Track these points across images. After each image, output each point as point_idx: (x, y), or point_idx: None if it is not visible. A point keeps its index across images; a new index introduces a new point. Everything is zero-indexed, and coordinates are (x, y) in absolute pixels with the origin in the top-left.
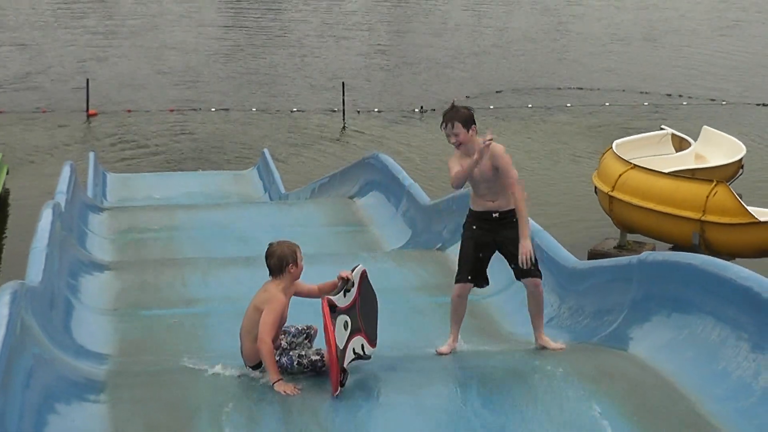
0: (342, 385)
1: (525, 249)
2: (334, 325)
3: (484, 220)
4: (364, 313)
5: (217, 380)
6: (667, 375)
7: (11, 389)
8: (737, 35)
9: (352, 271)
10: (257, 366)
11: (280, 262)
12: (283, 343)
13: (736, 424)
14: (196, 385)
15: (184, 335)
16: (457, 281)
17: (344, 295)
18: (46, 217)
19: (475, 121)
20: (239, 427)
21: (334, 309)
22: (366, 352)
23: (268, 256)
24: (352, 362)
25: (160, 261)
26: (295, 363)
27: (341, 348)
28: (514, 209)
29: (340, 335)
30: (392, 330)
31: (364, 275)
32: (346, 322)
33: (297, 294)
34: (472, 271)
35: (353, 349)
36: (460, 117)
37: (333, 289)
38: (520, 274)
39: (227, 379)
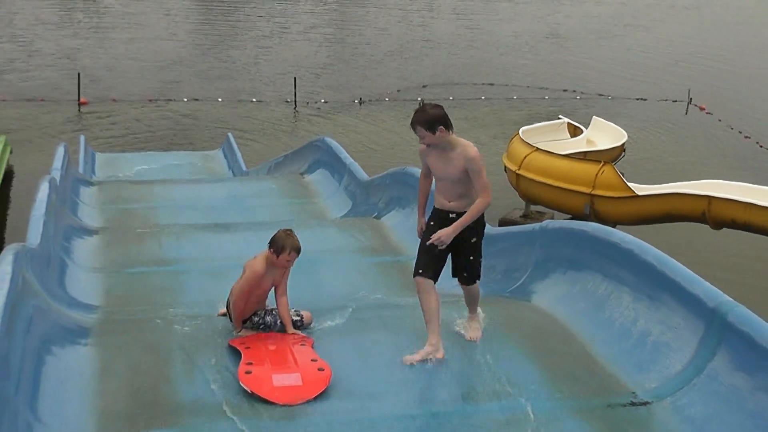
0: None
1: (440, 233)
2: None
3: (442, 219)
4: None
5: (188, 326)
6: (564, 322)
7: (14, 334)
8: (620, 41)
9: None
10: (242, 322)
11: (271, 241)
12: (267, 304)
13: (618, 362)
14: (171, 331)
15: (161, 289)
16: (414, 275)
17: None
18: (44, 190)
19: (447, 120)
20: (208, 365)
21: None
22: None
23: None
24: None
25: (141, 227)
26: (278, 321)
27: None
28: None
29: None
30: (336, 284)
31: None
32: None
33: (276, 287)
34: (427, 266)
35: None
36: (422, 121)
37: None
38: (460, 280)
39: (197, 326)
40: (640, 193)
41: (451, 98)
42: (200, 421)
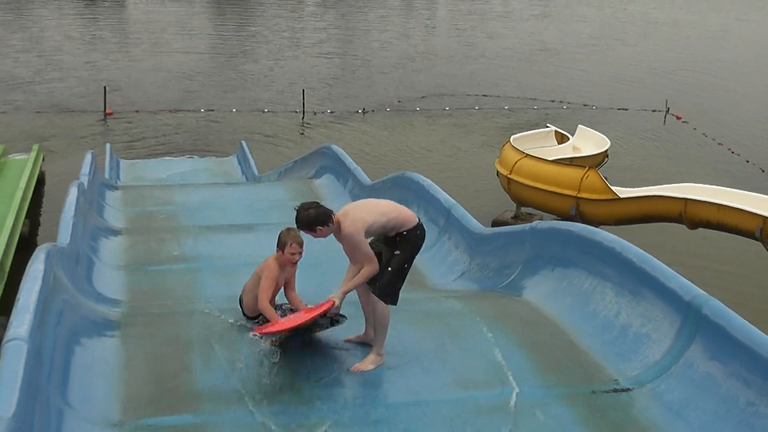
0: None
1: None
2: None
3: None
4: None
5: (206, 319)
6: (552, 316)
7: (46, 327)
8: (604, 56)
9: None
10: (254, 318)
11: (278, 240)
12: (276, 301)
13: (602, 353)
14: (190, 324)
15: (180, 285)
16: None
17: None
18: (73, 194)
19: (324, 219)
20: (225, 355)
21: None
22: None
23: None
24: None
25: (161, 228)
26: (289, 318)
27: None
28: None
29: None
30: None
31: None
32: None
33: (285, 284)
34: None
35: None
36: (304, 225)
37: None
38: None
39: (213, 319)
40: (622, 196)
41: (446, 108)
42: (218, 407)
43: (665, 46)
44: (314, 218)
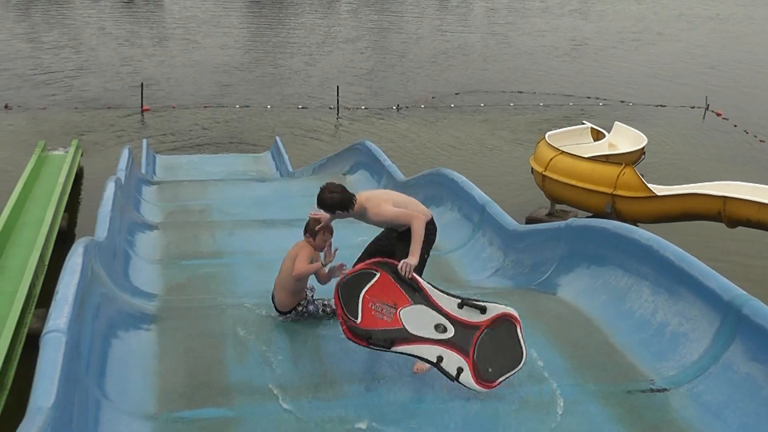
0: (363, 340)
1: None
2: (409, 303)
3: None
4: (484, 347)
5: (240, 313)
6: (587, 313)
7: (84, 319)
8: (640, 50)
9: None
10: (286, 312)
11: (306, 227)
12: (309, 295)
13: (637, 352)
14: (224, 318)
15: (214, 279)
16: None
17: (469, 311)
18: (110, 189)
19: (347, 203)
20: (258, 349)
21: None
22: (456, 374)
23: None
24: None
25: (196, 222)
26: (320, 310)
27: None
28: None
29: (419, 324)
30: None
31: (509, 318)
32: (443, 326)
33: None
34: None
35: (435, 357)
36: (327, 206)
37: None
38: None
39: (247, 313)
40: (659, 194)
41: (481, 105)
42: (250, 400)
43: (706, 41)
44: (338, 202)
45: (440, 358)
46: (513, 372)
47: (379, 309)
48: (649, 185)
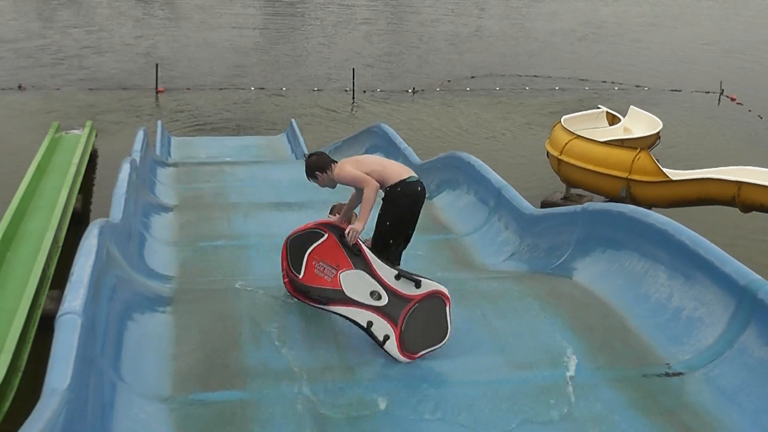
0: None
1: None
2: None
3: None
4: (413, 319)
5: (255, 296)
6: (603, 297)
7: (100, 301)
8: (655, 35)
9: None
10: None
11: (332, 210)
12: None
13: (653, 336)
14: (240, 300)
15: (230, 262)
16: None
17: (404, 283)
18: (125, 170)
19: (323, 164)
20: (273, 332)
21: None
22: (382, 341)
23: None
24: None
25: (211, 204)
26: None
27: (341, 291)
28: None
29: (355, 288)
30: None
31: (439, 294)
32: (377, 293)
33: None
34: None
35: (365, 321)
36: (306, 171)
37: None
38: None
39: (263, 296)
40: (673, 178)
41: (497, 88)
42: (266, 383)
43: (724, 25)
44: (313, 164)
45: (370, 324)
46: (436, 347)
47: (322, 268)
48: (664, 170)
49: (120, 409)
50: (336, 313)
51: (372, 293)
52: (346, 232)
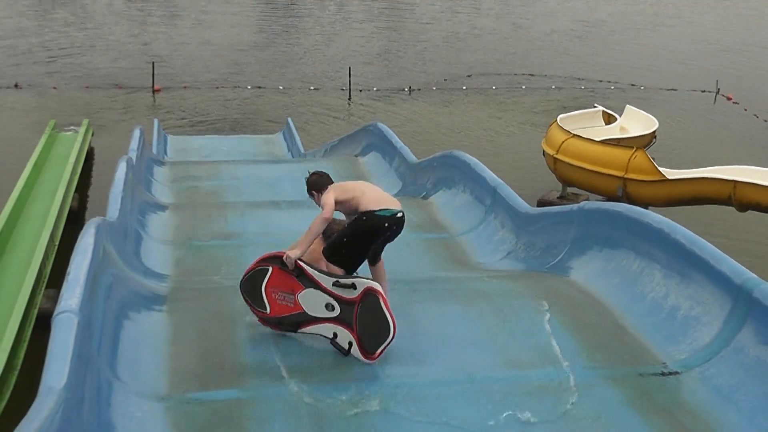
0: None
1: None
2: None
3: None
4: (362, 321)
5: None
6: (599, 296)
7: (96, 300)
8: (651, 35)
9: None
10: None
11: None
12: None
13: (649, 335)
14: (235, 299)
15: (226, 260)
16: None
17: (343, 288)
18: (121, 169)
19: (319, 185)
20: (269, 330)
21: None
22: (348, 348)
23: None
24: (328, 341)
25: (208, 203)
26: None
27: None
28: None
29: (313, 306)
30: (386, 258)
31: (371, 291)
32: (331, 305)
33: None
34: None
35: (331, 333)
36: (307, 188)
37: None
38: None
39: None
40: (670, 177)
41: (493, 87)
42: (262, 382)
43: (720, 25)
44: (312, 183)
45: (335, 335)
46: (387, 343)
47: (282, 297)
48: (660, 169)
49: (116, 408)
50: (308, 332)
51: (327, 306)
52: (284, 258)
